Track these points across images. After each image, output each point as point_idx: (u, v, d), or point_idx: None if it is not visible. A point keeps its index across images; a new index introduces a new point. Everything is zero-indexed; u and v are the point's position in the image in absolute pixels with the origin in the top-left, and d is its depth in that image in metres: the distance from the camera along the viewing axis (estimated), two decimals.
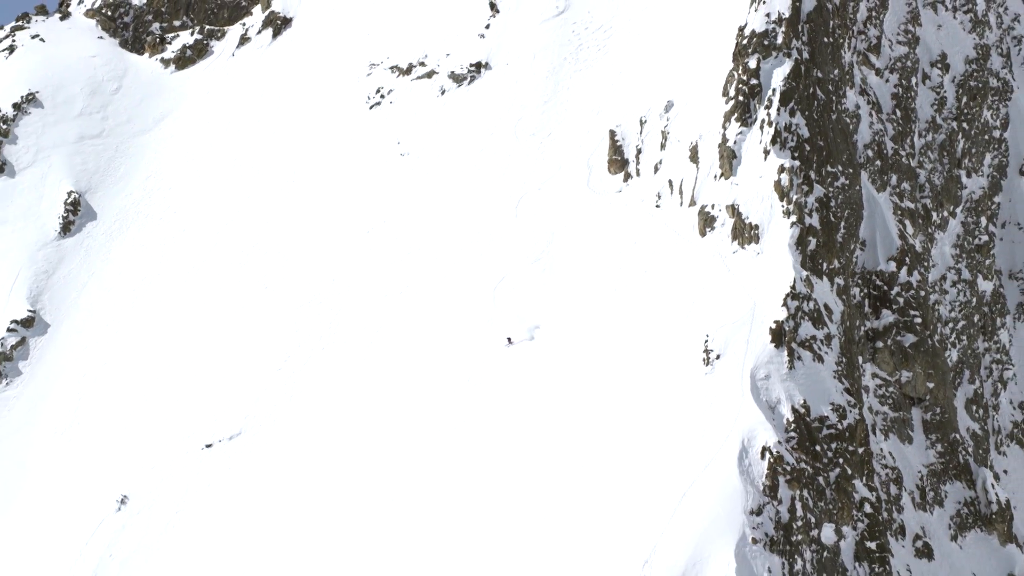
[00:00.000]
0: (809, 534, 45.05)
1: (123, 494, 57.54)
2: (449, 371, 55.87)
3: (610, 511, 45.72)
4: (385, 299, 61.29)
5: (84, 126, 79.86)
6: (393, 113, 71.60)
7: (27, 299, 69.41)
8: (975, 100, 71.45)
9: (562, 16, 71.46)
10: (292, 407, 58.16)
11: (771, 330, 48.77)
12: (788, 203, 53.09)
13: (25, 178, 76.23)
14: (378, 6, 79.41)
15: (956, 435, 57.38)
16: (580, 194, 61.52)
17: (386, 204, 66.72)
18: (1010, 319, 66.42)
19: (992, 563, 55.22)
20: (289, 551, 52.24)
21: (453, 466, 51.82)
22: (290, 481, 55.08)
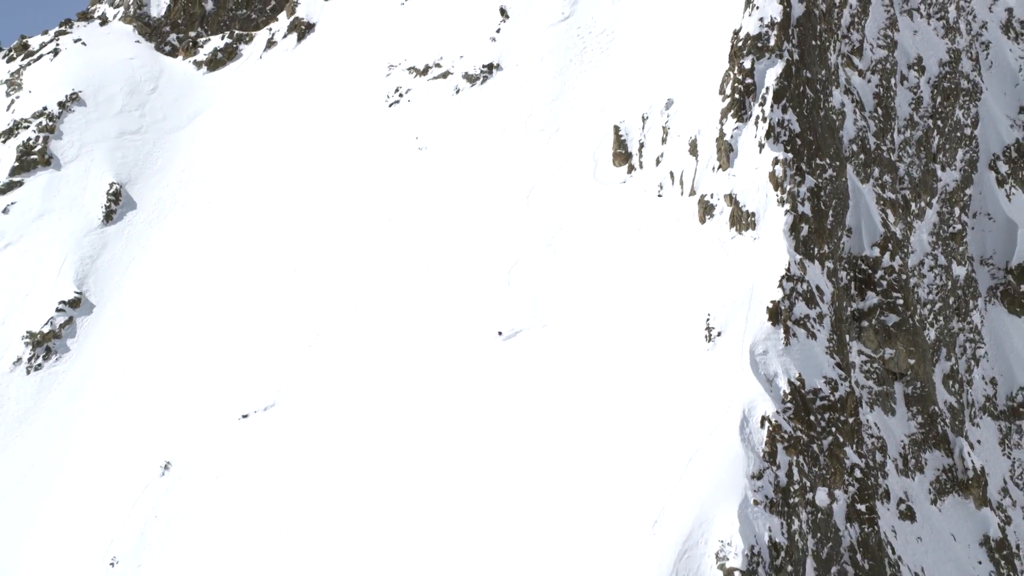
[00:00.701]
0: (805, 497, 45.07)
1: (166, 460, 57.49)
2: (467, 346, 55.92)
3: (620, 477, 45.73)
4: (406, 281, 61.24)
5: (124, 123, 79.68)
6: (411, 110, 71.46)
7: (74, 282, 69.26)
8: (948, 100, 71.41)
9: (567, 21, 71.33)
10: (321, 381, 58.12)
11: (768, 309, 48.77)
12: (782, 192, 53.06)
13: (70, 171, 76.04)
14: (396, 12, 79.29)
15: (935, 408, 57.39)
16: (587, 185, 61.44)
17: (406, 194, 66.63)
18: (981, 302, 66.46)
19: (969, 525, 55.27)
20: (315, 513, 52.30)
21: (474, 431, 51.85)
22: (318, 449, 55.09)
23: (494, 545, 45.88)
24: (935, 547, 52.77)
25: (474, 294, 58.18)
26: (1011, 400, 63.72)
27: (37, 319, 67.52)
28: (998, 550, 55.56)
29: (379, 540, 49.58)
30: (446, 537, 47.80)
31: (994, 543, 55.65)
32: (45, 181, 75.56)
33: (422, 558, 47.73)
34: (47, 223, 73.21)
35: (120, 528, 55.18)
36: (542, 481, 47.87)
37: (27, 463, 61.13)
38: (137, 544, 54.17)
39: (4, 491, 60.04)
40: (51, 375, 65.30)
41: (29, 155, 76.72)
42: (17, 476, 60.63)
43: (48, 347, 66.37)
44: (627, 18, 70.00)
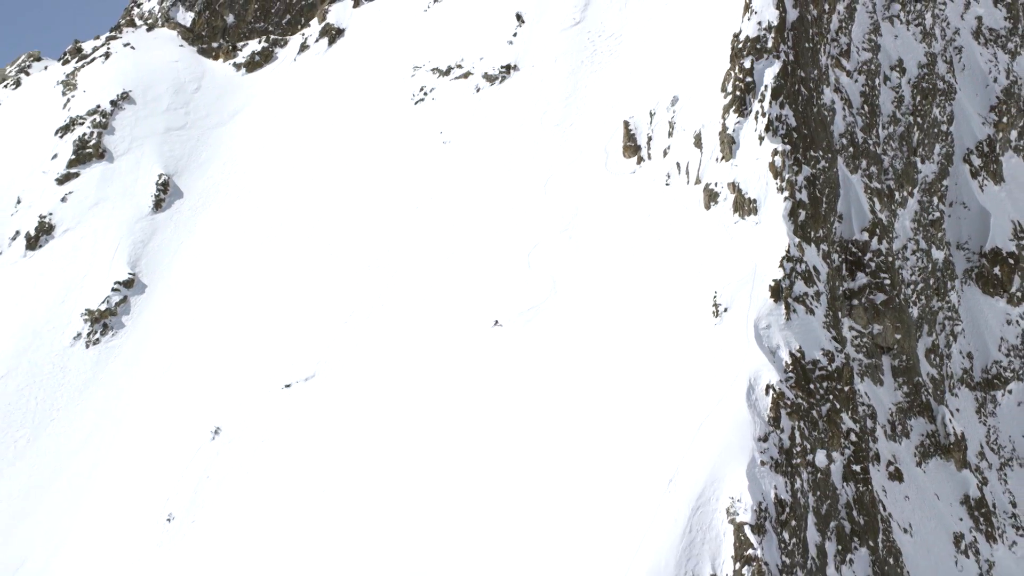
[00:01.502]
0: (806, 458, 45.05)
1: (216, 425, 57.37)
2: (491, 322, 55.75)
3: (637, 440, 45.68)
4: (434, 263, 61.12)
5: (170, 120, 79.49)
6: (435, 108, 71.25)
7: (127, 264, 69.18)
8: (926, 99, 71.21)
9: (579, 26, 71.13)
10: (357, 354, 58.03)
11: (770, 287, 48.73)
12: (781, 181, 52.94)
13: (122, 163, 75.91)
14: (419, 18, 79.01)
15: (919, 379, 57.33)
16: (599, 175, 61.29)
17: (431, 184, 66.48)
18: (958, 283, 66.35)
19: (950, 485, 55.26)
20: (351, 476, 52.26)
21: (499, 399, 51.72)
22: (355, 417, 55.00)
23: (522, 500, 45.83)
24: (921, 505, 52.76)
25: (497, 275, 58.08)
26: (986, 373, 63.66)
27: (94, 298, 67.46)
28: (977, 508, 55.55)
29: (412, 495, 49.56)
30: (476, 489, 47.78)
31: (973, 502, 55.64)
32: (99, 173, 75.40)
33: (453, 506, 47.72)
34: (102, 211, 73.10)
35: (175, 487, 55.13)
36: (563, 444, 47.82)
37: (89, 428, 61.11)
38: (191, 502, 54.12)
39: (68, 453, 60.06)
40: (108, 349, 65.23)
41: (84, 149, 76.54)
42: (80, 440, 60.64)
43: (105, 323, 66.31)
44: (633, 23, 69.75)
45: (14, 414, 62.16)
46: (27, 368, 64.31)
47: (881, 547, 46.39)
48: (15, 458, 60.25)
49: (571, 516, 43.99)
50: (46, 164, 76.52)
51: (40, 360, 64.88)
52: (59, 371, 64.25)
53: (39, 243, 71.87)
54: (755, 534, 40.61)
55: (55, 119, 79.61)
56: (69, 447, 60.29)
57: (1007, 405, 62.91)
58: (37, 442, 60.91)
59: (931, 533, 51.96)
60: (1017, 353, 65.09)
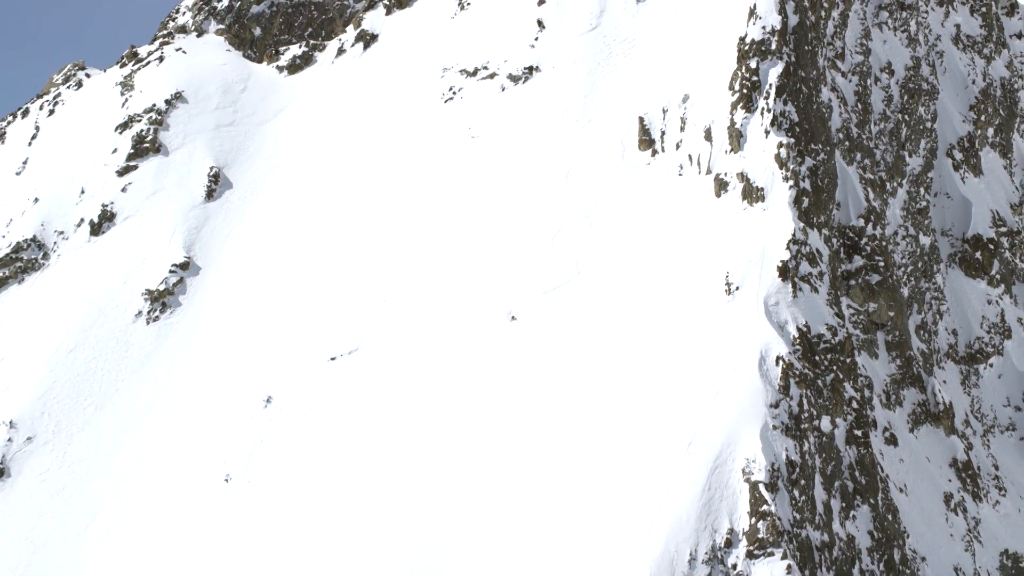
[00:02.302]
0: (812, 423, 44.96)
1: (268, 395, 57.30)
2: (520, 300, 55.68)
3: (657, 407, 45.63)
4: (465, 247, 61.04)
5: (219, 117, 79.31)
6: (464, 106, 71.09)
7: (183, 248, 69.09)
8: (913, 99, 70.92)
9: (595, 31, 70.92)
10: (396, 330, 57.97)
11: (778, 268, 48.60)
12: (786, 171, 52.77)
13: (176, 157, 75.78)
14: (448, 24, 78.81)
15: (910, 352, 57.13)
16: (617, 166, 61.12)
17: (461, 175, 66.38)
18: (943, 266, 66.09)
19: (940, 449, 55.10)
20: (393, 441, 52.24)
21: (528, 366, 51.67)
22: (395, 387, 54.96)
23: (554, 461, 45.80)
24: (914, 467, 52.65)
25: (524, 257, 57.97)
26: (969, 348, 63.46)
27: (153, 279, 67.37)
28: (964, 470, 55.41)
29: (450, 455, 49.59)
30: (510, 449, 47.73)
31: (960, 464, 55.49)
32: (156, 165, 75.27)
33: (487, 465, 47.66)
34: (159, 200, 72.99)
35: (231, 451, 55.10)
36: (589, 410, 47.78)
37: (150, 398, 61.05)
38: (246, 464, 54.11)
39: (133, 420, 60.03)
40: (166, 326, 65.14)
41: (142, 144, 76.40)
42: (143, 408, 60.59)
43: (163, 302, 66.21)
44: (646, 28, 69.54)
45: (83, 384, 62.13)
46: (93, 343, 64.26)
47: (880, 504, 46.28)
48: (84, 424, 60.24)
49: (599, 477, 43.98)
50: (107, 158, 76.40)
51: (105, 336, 64.82)
52: (122, 346, 64.20)
53: (102, 229, 71.78)
54: (769, 492, 40.54)
55: (115, 117, 79.45)
56: (133, 415, 60.26)
57: (988, 377, 62.73)
58: (104, 410, 60.88)
59: (924, 493, 51.86)
60: (997, 330, 64.85)
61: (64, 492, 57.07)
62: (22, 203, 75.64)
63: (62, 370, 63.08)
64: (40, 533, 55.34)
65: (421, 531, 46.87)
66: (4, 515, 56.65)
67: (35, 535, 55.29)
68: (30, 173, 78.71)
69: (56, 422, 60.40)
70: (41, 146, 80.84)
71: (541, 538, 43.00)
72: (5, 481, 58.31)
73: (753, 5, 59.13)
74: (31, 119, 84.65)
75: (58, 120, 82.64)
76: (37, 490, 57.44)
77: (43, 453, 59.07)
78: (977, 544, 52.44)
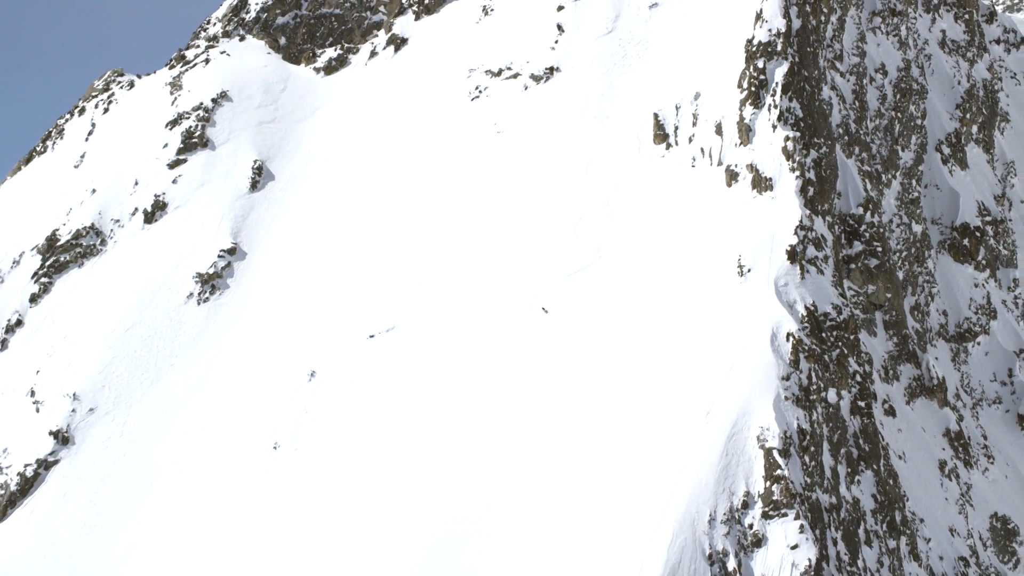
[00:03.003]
0: (820, 395, 44.84)
1: (312, 369, 57.19)
2: (544, 283, 55.53)
3: (676, 380, 45.50)
4: (492, 233, 60.85)
5: (261, 115, 79.07)
6: (489, 104, 70.82)
7: (230, 235, 68.99)
8: (905, 98, 70.64)
9: (611, 34, 70.56)
10: (430, 309, 57.78)
11: (786, 251, 48.45)
12: (792, 162, 52.57)
13: (223, 151, 75.61)
14: (473, 28, 78.43)
15: (906, 331, 56.96)
16: (633, 159, 60.87)
17: (488, 167, 66.11)
18: (933, 252, 65.93)
19: (934, 420, 54.93)
20: (424, 413, 52.15)
21: (552, 344, 51.52)
22: (429, 363, 54.83)
23: (581, 430, 45.71)
24: (911, 437, 52.49)
25: (548, 243, 57.76)
26: (958, 327, 63.23)
27: (203, 263, 67.25)
28: (956, 440, 55.27)
29: (483, 422, 49.54)
30: (537, 420, 47.65)
31: (953, 434, 55.35)
32: (204, 159, 75.09)
33: (517, 433, 47.54)
34: (207, 190, 72.83)
35: (278, 421, 55.07)
36: (612, 382, 47.65)
37: (202, 372, 61.00)
38: (293, 433, 54.05)
39: (186, 393, 60.00)
40: (216, 306, 65.05)
41: (191, 139, 76.22)
42: (195, 382, 60.54)
43: (213, 284, 66.10)
44: (658, 32, 69.19)
45: (139, 360, 62.11)
46: (149, 322, 64.21)
47: (882, 470, 46.16)
48: (142, 396, 60.23)
49: (623, 446, 43.91)
50: (158, 152, 76.23)
51: (159, 316, 64.76)
52: (175, 325, 64.13)
53: (155, 218, 71.66)
54: (782, 457, 40.48)
55: (165, 114, 79.24)
56: (186, 388, 60.23)
57: (976, 355, 62.53)
58: (159, 383, 60.86)
59: (920, 460, 51.73)
60: (983, 311, 64.62)
61: (124, 458, 57.10)
62: (80, 194, 75.53)
63: (120, 347, 63.06)
64: (104, 496, 55.39)
65: (454, 496, 46.87)
66: (71, 479, 56.72)
67: (99, 497, 55.35)
68: (87, 166, 78.60)
69: (116, 394, 60.41)
70: (97, 141, 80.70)
71: (570, 500, 42.98)
72: (71, 448, 58.38)
73: (760, 10, 58.96)
74: (87, 117, 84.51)
75: (112, 117, 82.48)
76: (100, 456, 57.49)
77: (104, 423, 59.09)
78: (969, 507, 52.31)
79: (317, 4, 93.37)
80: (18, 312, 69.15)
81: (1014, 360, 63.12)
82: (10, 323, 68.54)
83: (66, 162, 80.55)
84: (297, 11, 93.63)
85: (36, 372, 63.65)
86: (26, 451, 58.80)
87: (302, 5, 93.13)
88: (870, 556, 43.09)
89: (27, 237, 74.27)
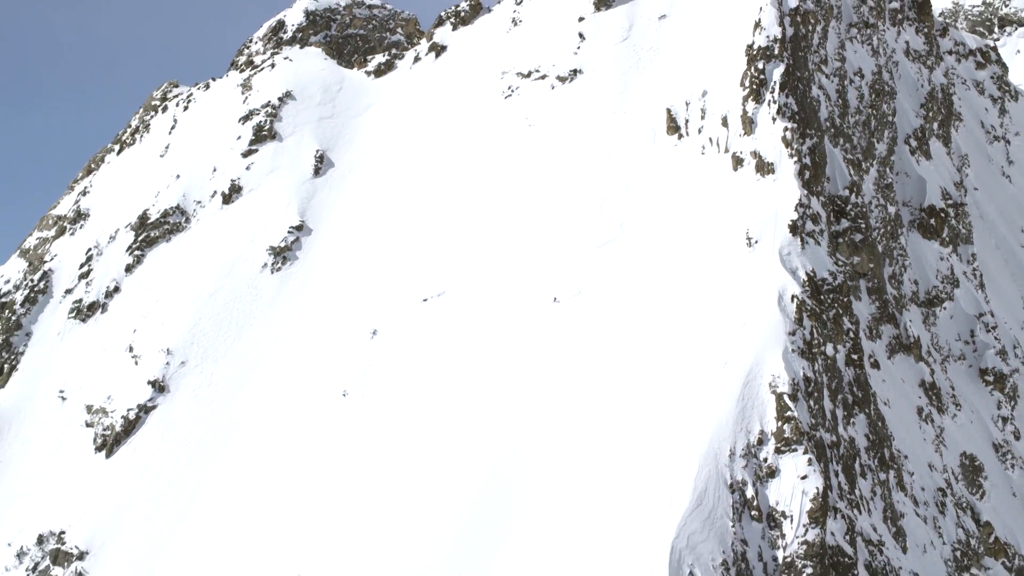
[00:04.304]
0: (820, 349, 44.50)
1: (374, 328, 56.95)
2: (573, 253, 55.15)
3: (696, 335, 45.19)
4: (527, 211, 60.37)
5: (321, 111, 78.61)
6: (521, 101, 70.20)
7: (297, 214, 68.76)
8: (878, 97, 69.97)
9: (626, 41, 69.83)
10: (476, 275, 57.41)
11: (788, 226, 48.08)
12: (791, 149, 52.08)
13: (288, 142, 75.23)
14: (504, 37, 77.66)
15: (886, 296, 56.54)
16: (649, 148, 60.33)
17: (521, 155, 65.59)
18: (905, 230, 65.44)
19: (911, 373, 54.56)
20: (471, 369, 51.83)
21: (583, 305, 51.11)
22: (475, 323, 54.49)
23: (609, 379, 45.40)
24: (893, 386, 52.16)
25: (578, 219, 57.37)
26: (927, 294, 62.66)
27: (275, 238, 67.02)
28: (930, 389, 54.94)
29: (520, 382, 49.15)
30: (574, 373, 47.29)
31: (927, 385, 55.02)
32: (272, 149, 74.72)
33: (555, 384, 47.22)
34: (276, 176, 72.52)
35: (346, 372, 54.89)
36: (635, 337, 47.32)
37: (276, 332, 60.86)
38: (359, 382, 53.86)
39: (263, 349, 59.86)
40: (287, 275, 64.83)
41: (261, 132, 75.80)
42: (271, 340, 60.40)
43: (284, 256, 65.84)
44: (666, 39, 68.48)
45: (223, 320, 61.93)
46: (230, 288, 64.01)
47: (872, 414, 45.89)
48: (225, 351, 60.06)
49: (651, 392, 43.62)
50: (233, 143, 75.86)
51: (238, 283, 64.56)
52: (252, 291, 63.91)
53: (231, 199, 71.36)
54: (791, 401, 40.23)
55: (238, 111, 78.82)
56: (263, 344, 60.10)
57: (943, 318, 62.05)
58: (240, 341, 60.68)
59: (902, 406, 51.42)
60: (948, 281, 64.11)
61: (212, 405, 56.97)
62: (167, 179, 75.19)
63: (205, 309, 62.85)
64: (196, 437, 55.29)
65: (501, 435, 46.62)
66: (167, 422, 56.64)
67: (191, 437, 55.26)
68: (171, 155, 78.21)
69: (203, 350, 60.22)
70: (179, 134, 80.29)
71: (605, 439, 42.77)
72: (166, 396, 58.25)
73: (758, 20, 58.36)
74: (170, 114, 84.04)
75: (192, 114, 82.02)
76: (191, 403, 57.39)
77: (194, 374, 58.93)
78: (943, 447, 52.01)
79: (344, 25, 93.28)
80: (115, 280, 68.95)
81: (975, 323, 62.67)
82: (109, 289, 68.39)
83: (153, 152, 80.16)
84: (327, 31, 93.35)
85: (133, 331, 63.50)
86: (128, 398, 58.70)
87: (331, 27, 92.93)
88: (864, 486, 42.88)
89: (121, 216, 74.01)
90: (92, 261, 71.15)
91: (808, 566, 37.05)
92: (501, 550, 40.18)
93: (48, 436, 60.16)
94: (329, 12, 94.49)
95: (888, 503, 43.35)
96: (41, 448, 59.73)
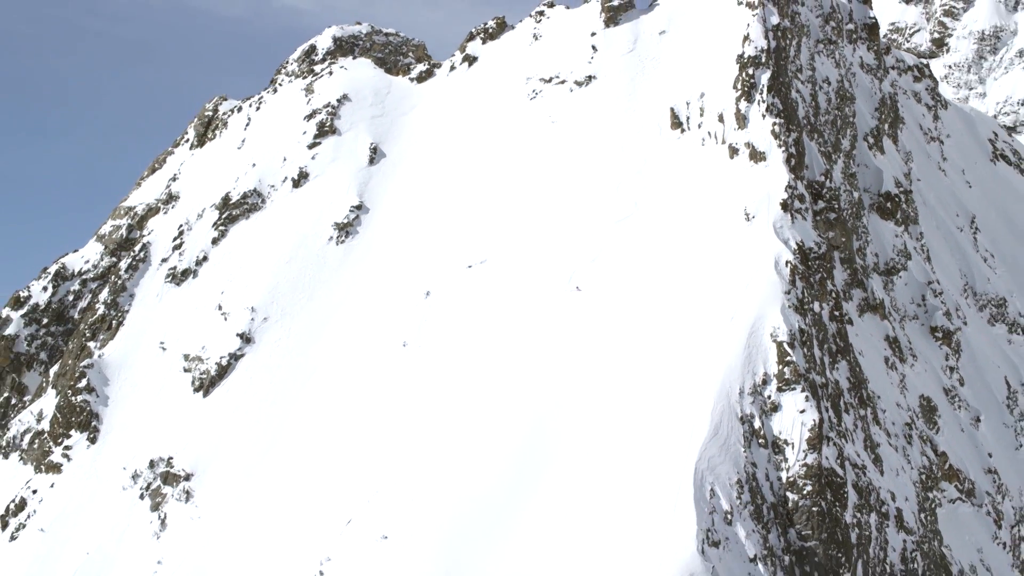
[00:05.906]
0: (809, 306, 44.05)
1: (426, 290, 56.46)
2: (595, 227, 54.62)
3: (706, 292, 44.66)
4: (554, 193, 59.70)
5: (373, 111, 77.53)
6: (544, 102, 69.36)
7: (356, 195, 68.13)
8: (842, 101, 69.25)
9: (632, 52, 68.93)
10: (513, 243, 56.83)
11: (780, 204, 47.77)
12: (779, 140, 51.64)
13: (346, 136, 74.31)
14: (527, 49, 76.56)
15: (855, 265, 56.11)
16: (656, 140, 59.70)
17: (544, 147, 64.81)
18: (867, 212, 65.01)
19: (877, 329, 54.25)
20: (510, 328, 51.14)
21: (605, 273, 50.51)
22: (514, 285, 53.85)
23: (631, 330, 44.83)
24: (865, 340, 51.83)
25: (597, 199, 56.80)
26: (887, 265, 62.26)
27: (339, 216, 66.36)
28: (893, 343, 54.63)
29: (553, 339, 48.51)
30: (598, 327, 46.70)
31: (891, 339, 54.70)
32: (333, 142, 73.78)
33: (585, 338, 46.68)
34: (337, 165, 71.66)
35: (405, 326, 54.46)
36: (653, 299, 46.77)
37: (343, 293, 60.35)
38: (416, 336, 53.41)
39: (331, 308, 59.36)
40: (349, 246, 64.20)
41: (323, 128, 74.85)
42: (338, 300, 59.89)
43: (346, 231, 65.18)
44: (667, 51, 67.63)
45: (297, 283, 61.39)
46: (302, 257, 63.40)
47: (852, 360, 45.50)
48: (300, 309, 59.56)
49: (669, 341, 43.15)
50: (299, 137, 74.94)
51: (308, 253, 63.92)
52: (321, 259, 63.31)
53: (300, 184, 70.55)
54: (790, 348, 39.91)
55: (302, 110, 77.82)
56: (332, 303, 59.64)
57: (899, 285, 61.69)
58: (312, 301, 60.16)
59: (873, 355, 51.13)
60: (902, 254, 63.72)
61: (291, 353, 56.50)
62: (244, 167, 74.27)
63: (282, 274, 62.21)
64: (278, 379, 54.88)
65: (539, 387, 45.95)
66: (253, 368, 56.19)
67: (275, 380, 54.84)
68: (247, 148, 77.23)
69: (282, 308, 59.65)
70: (253, 130, 79.24)
71: (631, 385, 42.32)
72: (252, 346, 57.74)
73: (747, 34, 57.84)
74: (244, 113, 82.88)
75: (264, 113, 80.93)
76: (273, 352, 56.90)
77: (275, 328, 58.37)
78: (905, 390, 51.72)
79: (365, 50, 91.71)
80: (204, 251, 68.23)
81: (925, 289, 62.32)
82: (199, 258, 67.68)
83: (231, 145, 79.13)
84: (352, 55, 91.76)
85: (221, 292, 62.90)
86: (220, 347, 58.16)
87: (355, 51, 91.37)
88: (848, 420, 42.57)
89: (207, 197, 73.13)
90: (183, 235, 70.37)
91: (808, 484, 36.80)
92: (546, 478, 39.83)
93: (152, 380, 59.63)
94: (353, 38, 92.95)
95: (867, 434, 43.06)
96: (146, 390, 59.24)
